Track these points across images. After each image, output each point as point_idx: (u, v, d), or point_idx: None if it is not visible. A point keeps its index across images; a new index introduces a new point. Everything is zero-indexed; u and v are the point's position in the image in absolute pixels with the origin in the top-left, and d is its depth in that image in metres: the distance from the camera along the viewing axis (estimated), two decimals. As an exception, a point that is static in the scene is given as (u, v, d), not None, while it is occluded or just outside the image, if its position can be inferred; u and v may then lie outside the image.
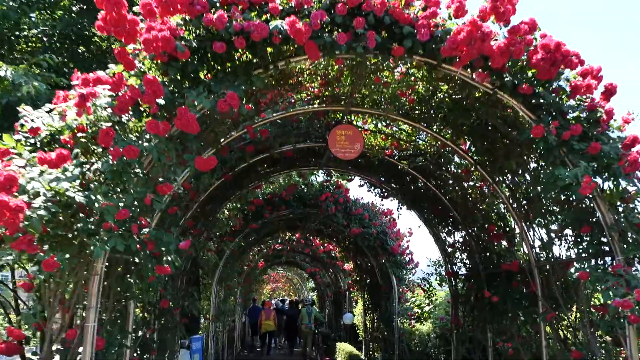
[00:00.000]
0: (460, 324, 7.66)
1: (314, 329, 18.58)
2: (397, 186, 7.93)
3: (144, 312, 5.82)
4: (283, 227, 13.90)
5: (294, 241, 18.05)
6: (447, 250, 7.87)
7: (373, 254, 12.57)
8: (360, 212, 11.52)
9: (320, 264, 21.48)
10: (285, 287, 42.69)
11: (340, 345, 16.00)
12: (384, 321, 12.37)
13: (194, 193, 5.97)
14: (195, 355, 9.22)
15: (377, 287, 12.91)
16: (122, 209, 3.45)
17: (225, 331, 14.02)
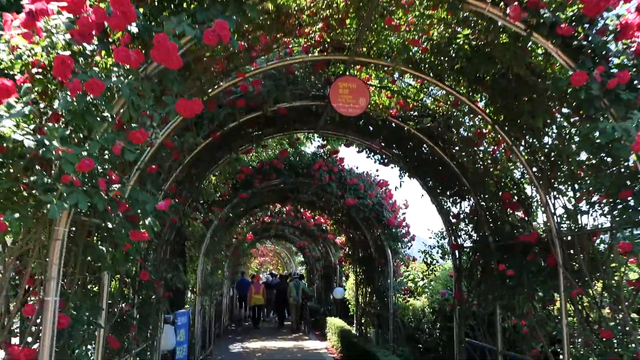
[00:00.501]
0: (463, 300, 7.15)
1: (301, 302, 18.62)
2: (400, 152, 7.31)
3: (122, 286, 5.20)
4: (273, 198, 13.28)
5: (283, 214, 17.47)
6: (451, 221, 7.31)
7: (367, 226, 12.01)
8: (355, 182, 10.92)
9: (310, 237, 20.97)
10: (273, 262, 42.32)
11: (330, 320, 15.56)
12: (377, 296, 11.88)
13: (177, 153, 5.30)
14: (180, 330, 8.66)
15: (370, 260, 12.40)
16: (85, 158, 2.79)
17: (212, 305, 13.47)
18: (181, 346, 8.68)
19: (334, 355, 13.28)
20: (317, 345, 15.04)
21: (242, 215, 13.97)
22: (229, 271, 18.15)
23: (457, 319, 7.21)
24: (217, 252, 12.78)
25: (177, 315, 8.51)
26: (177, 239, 7.35)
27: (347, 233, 13.95)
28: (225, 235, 13.47)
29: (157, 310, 6.46)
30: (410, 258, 11.64)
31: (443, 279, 9.87)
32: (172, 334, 7.44)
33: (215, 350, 13.90)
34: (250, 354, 13.55)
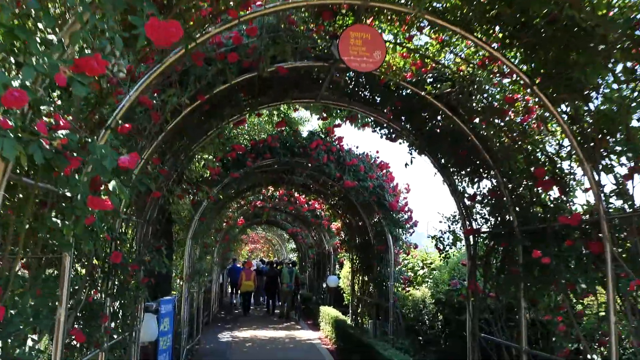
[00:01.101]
0: (479, 291, 6.39)
1: (294, 289, 18.13)
2: (410, 125, 6.50)
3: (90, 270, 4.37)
4: (267, 180, 12.44)
5: (276, 198, 16.64)
6: (466, 203, 6.53)
7: (367, 210, 11.23)
8: (355, 162, 10.12)
9: (303, 223, 20.19)
10: (264, 249, 41.58)
11: (324, 309, 14.81)
12: (375, 285, 11.14)
13: (157, 114, 4.45)
14: (164, 319, 7.85)
15: (368, 247, 11.64)
16: (15, 89, 1.96)
17: (201, 292, 12.67)
18: (165, 336, 7.88)
19: (327, 347, 12.54)
20: (310, 335, 14.30)
21: (233, 198, 13.14)
22: (219, 257, 17.33)
23: (471, 312, 6.44)
24: (206, 236, 11.97)
25: (161, 303, 7.70)
26: (159, 217, 6.51)
27: (344, 219, 13.18)
28: (215, 219, 12.64)
29: (135, 298, 5.65)
30: (412, 245, 10.88)
31: (450, 267, 9.11)
32: (153, 323, 6.63)
33: (203, 339, 13.12)
34: (240, 344, 12.77)
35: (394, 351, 8.62)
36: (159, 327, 7.57)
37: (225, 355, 11.22)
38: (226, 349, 12.04)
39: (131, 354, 5.73)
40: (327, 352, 11.85)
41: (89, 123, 3.45)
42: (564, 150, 4.79)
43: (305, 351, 11.90)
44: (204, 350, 11.78)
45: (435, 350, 9.98)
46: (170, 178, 6.15)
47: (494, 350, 6.14)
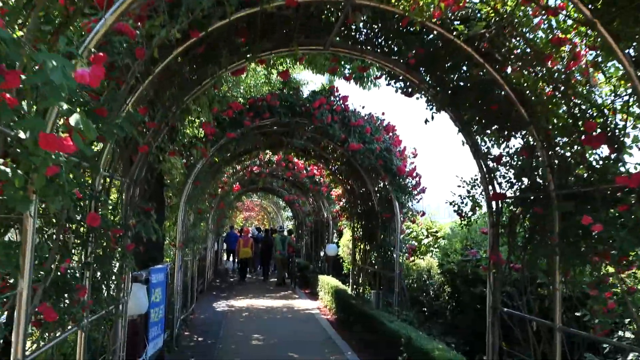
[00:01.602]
0: (501, 262, 5.77)
1: (287, 256, 18.10)
2: (430, 76, 5.75)
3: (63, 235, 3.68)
4: (265, 143, 11.71)
5: (273, 163, 15.94)
6: (489, 165, 5.85)
7: (372, 175, 10.56)
8: (361, 123, 9.39)
9: (301, 190, 19.55)
10: (259, 216, 41.08)
11: (323, 279, 14.29)
12: (379, 254, 10.56)
13: (141, 51, 3.69)
14: (156, 290, 7.22)
15: (372, 215, 11.01)
16: None
17: (195, 260, 12.06)
18: (157, 308, 7.27)
19: (327, 317, 12.03)
20: (308, 304, 13.80)
21: (229, 162, 12.41)
22: (214, 224, 16.70)
23: (492, 285, 5.84)
24: (200, 201, 11.29)
25: (152, 272, 7.06)
26: (148, 177, 5.82)
27: (345, 184, 12.51)
28: (210, 183, 11.94)
29: (120, 267, 4.98)
30: (419, 213, 10.25)
31: (461, 236, 8.50)
32: (143, 295, 5.98)
33: (198, 308, 12.58)
34: (236, 314, 12.25)
35: (401, 323, 8.08)
36: (150, 298, 6.94)
37: (220, 326, 10.68)
38: (222, 319, 11.51)
39: (118, 329, 5.09)
40: (327, 322, 11.34)
41: (51, 49, 2.71)
42: (618, 102, 4.09)
43: (304, 322, 11.38)
44: (199, 321, 11.25)
45: (442, 322, 9.47)
46: (160, 132, 5.41)
47: (516, 326, 5.56)
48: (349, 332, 10.23)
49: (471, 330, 8.07)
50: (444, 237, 10.73)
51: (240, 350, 8.80)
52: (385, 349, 8.03)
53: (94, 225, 3.52)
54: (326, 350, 8.84)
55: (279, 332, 10.20)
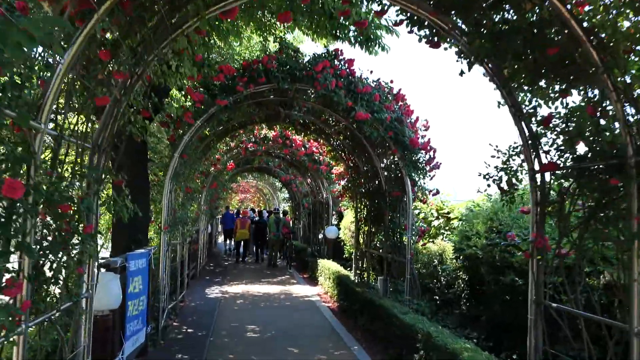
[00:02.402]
0: (547, 247, 4.74)
1: (282, 238, 17.92)
2: (462, 20, 4.66)
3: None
4: (260, 116, 10.59)
5: (269, 141, 14.84)
6: (534, 130, 4.79)
7: (379, 150, 9.49)
8: (368, 90, 8.29)
9: (298, 170, 18.47)
10: (254, 198, 40.05)
11: (323, 263, 13.28)
12: (387, 237, 9.53)
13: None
14: (134, 278, 6.17)
15: (378, 194, 9.96)
16: None
17: (185, 243, 11.02)
18: (136, 299, 6.23)
19: (328, 305, 11.04)
20: (307, 291, 12.80)
21: (222, 136, 11.29)
22: (206, 205, 15.62)
23: (535, 274, 4.81)
24: (190, 179, 10.20)
25: (130, 259, 6.00)
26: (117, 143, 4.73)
27: (348, 161, 11.43)
28: (200, 159, 10.84)
29: (81, 253, 3.92)
30: (431, 192, 9.18)
31: (484, 216, 7.44)
32: (114, 286, 4.92)
33: (189, 295, 11.58)
34: (230, 301, 11.24)
35: (415, 316, 7.07)
36: (127, 288, 5.90)
37: (213, 315, 9.67)
38: (214, 307, 10.49)
39: (80, 331, 4.04)
40: (328, 311, 10.35)
41: None
42: None
43: (304, 310, 10.38)
44: (189, 309, 10.23)
45: (458, 313, 8.49)
46: (130, 87, 4.29)
47: (565, 323, 4.55)
48: (354, 322, 9.24)
49: (495, 323, 7.09)
50: (459, 218, 9.69)
51: (233, 344, 7.79)
52: (398, 344, 7.04)
53: (14, 197, 2.43)
54: (330, 344, 7.84)
55: (277, 322, 9.20)
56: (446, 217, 10.61)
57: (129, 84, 4.26)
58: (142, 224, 8.45)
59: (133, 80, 4.31)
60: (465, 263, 7.92)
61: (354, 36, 9.40)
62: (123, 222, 8.25)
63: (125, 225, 8.39)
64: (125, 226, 8.24)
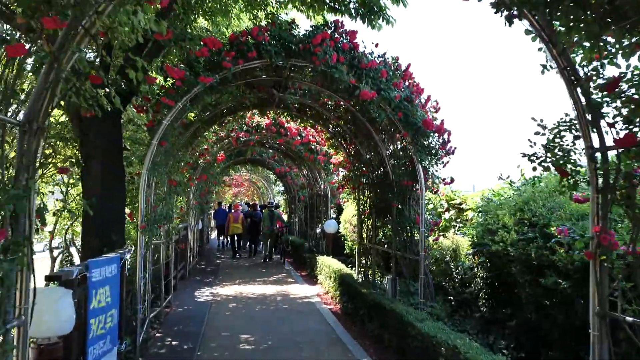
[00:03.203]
0: (614, 244, 3.72)
1: (276, 231, 17.55)
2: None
3: None
4: (252, 100, 9.49)
5: (262, 129, 13.75)
6: (593, 99, 3.76)
7: (386, 135, 8.43)
8: (374, 65, 7.21)
9: (293, 161, 17.40)
10: (248, 192, 38.96)
11: (322, 260, 12.24)
12: (395, 232, 8.48)
13: None
14: (99, 290, 5.09)
15: (384, 184, 8.91)
16: None
17: (171, 242, 9.94)
18: (103, 314, 5.15)
19: (330, 307, 10.01)
20: (306, 290, 11.76)
21: (209, 123, 10.18)
22: (196, 199, 14.52)
23: (598, 275, 3.80)
24: (174, 171, 9.12)
25: (92, 267, 4.91)
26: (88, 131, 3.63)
27: (350, 148, 10.37)
28: (186, 148, 9.74)
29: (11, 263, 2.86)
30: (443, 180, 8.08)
31: (512, 207, 6.38)
32: (65, 305, 3.85)
33: (176, 300, 10.51)
34: (222, 305, 10.18)
35: (435, 323, 6.04)
36: (90, 303, 4.83)
37: (203, 322, 8.62)
38: (205, 312, 9.43)
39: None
40: (331, 315, 9.31)
41: None
42: None
43: (304, 314, 9.34)
44: (175, 316, 9.16)
45: (479, 317, 7.47)
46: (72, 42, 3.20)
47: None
48: (360, 327, 8.22)
49: (527, 331, 6.06)
50: (474, 209, 8.65)
51: (224, 359, 6.75)
52: (415, 356, 6.02)
53: None
54: (335, 357, 6.81)
55: (274, 329, 8.15)
56: (457, 208, 9.57)
57: (70, 36, 3.17)
58: (117, 221, 7.37)
59: (77, 34, 3.22)
60: (487, 260, 6.89)
61: (355, 8, 8.34)
62: (94, 220, 7.19)
63: (97, 223, 7.31)
64: (97, 224, 7.15)
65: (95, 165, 7.28)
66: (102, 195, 7.20)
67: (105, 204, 7.15)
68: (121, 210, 7.52)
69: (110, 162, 7.36)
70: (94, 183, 7.29)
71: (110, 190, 7.32)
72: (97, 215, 7.18)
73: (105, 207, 7.16)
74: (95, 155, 7.29)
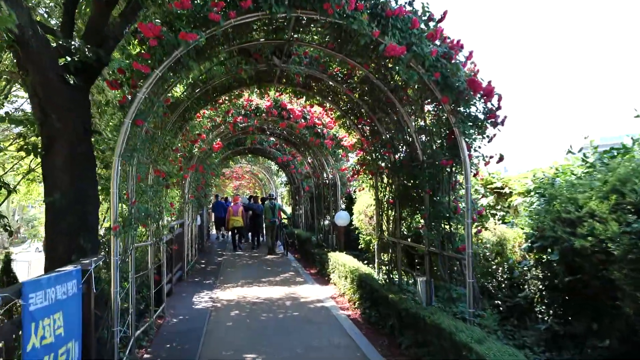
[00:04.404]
0: None
1: (277, 223, 17.28)
2: None
3: None
4: (248, 73, 7.91)
5: (262, 113, 12.17)
6: None
7: (413, 107, 6.86)
8: (403, 13, 5.62)
9: (297, 148, 15.83)
10: (249, 184, 37.42)
11: (335, 257, 10.70)
12: (431, 225, 6.90)
13: None
14: (46, 320, 3.58)
15: (411, 166, 7.34)
16: None
17: (162, 244, 8.40)
18: (48, 355, 3.63)
19: (348, 313, 8.49)
20: (318, 292, 10.24)
21: (201, 102, 8.59)
22: (192, 193, 12.96)
23: None
24: (160, 159, 7.57)
25: (28, 290, 3.38)
26: None
27: (365, 129, 8.80)
28: (174, 132, 8.17)
29: None
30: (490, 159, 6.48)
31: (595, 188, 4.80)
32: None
33: (170, 307, 8.99)
34: (223, 313, 8.66)
35: (503, 348, 4.46)
36: (26, 342, 3.30)
37: (200, 337, 7.12)
38: (202, 323, 7.91)
39: None
40: (351, 324, 7.79)
41: None
42: None
43: (319, 324, 7.81)
44: (169, 330, 7.63)
45: (544, 329, 5.93)
46: None
47: None
48: (390, 341, 6.71)
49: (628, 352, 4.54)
50: (525, 192, 7.09)
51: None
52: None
53: None
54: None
55: (285, 345, 6.64)
56: (497, 193, 8.02)
57: None
58: (89, 221, 5.84)
59: None
60: (562, 259, 5.32)
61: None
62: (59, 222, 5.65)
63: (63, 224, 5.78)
64: (63, 226, 5.62)
65: (59, 153, 5.75)
66: (69, 190, 5.68)
67: (73, 201, 5.64)
68: (93, 208, 5.98)
69: (79, 148, 5.83)
70: (58, 175, 5.75)
71: (80, 182, 5.79)
72: (63, 215, 5.68)
73: (73, 205, 5.65)
74: (59, 139, 5.76)
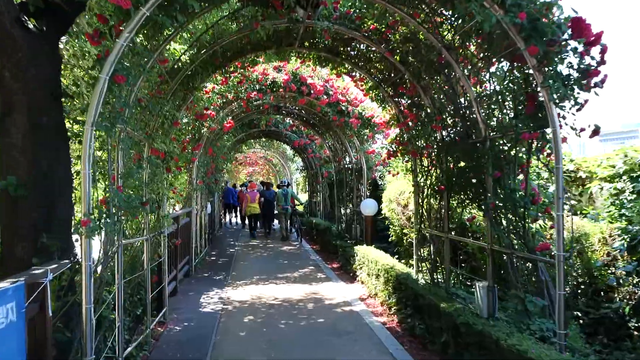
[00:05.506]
0: None
1: (290, 211, 16.82)
2: None
3: None
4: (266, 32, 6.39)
5: (279, 87, 10.68)
6: None
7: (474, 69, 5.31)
8: None
9: (317, 129, 14.32)
10: (263, 171, 36.07)
11: (363, 252, 9.22)
12: (496, 218, 5.37)
13: None
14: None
15: (468, 144, 5.81)
16: None
17: (164, 239, 6.99)
18: None
19: (383, 320, 7.04)
20: (344, 292, 8.79)
21: (207, 71, 7.08)
22: (200, 179, 11.52)
23: None
24: (157, 135, 6.13)
25: None
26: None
27: (411, 95, 7.25)
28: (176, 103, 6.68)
29: None
30: (582, 131, 4.94)
31: None
32: None
33: (173, 311, 7.60)
34: (235, 318, 7.25)
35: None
36: None
37: (207, 352, 5.73)
38: (210, 331, 6.52)
39: None
40: (388, 334, 6.34)
41: None
42: None
43: (350, 334, 6.37)
44: (171, 341, 6.22)
45: None
46: None
47: None
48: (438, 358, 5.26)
49: None
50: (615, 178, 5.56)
51: None
52: None
53: None
54: None
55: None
56: (570, 178, 6.47)
57: None
58: (58, 211, 4.42)
59: None
60: None
61: None
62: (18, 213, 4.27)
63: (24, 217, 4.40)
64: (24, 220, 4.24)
65: (18, 124, 4.33)
66: (29, 172, 4.28)
67: (36, 188, 4.26)
68: (63, 197, 4.56)
69: (45, 118, 4.41)
70: (15, 153, 4.35)
71: (46, 163, 4.38)
72: (22, 206, 4.29)
73: (37, 193, 4.25)
74: (17, 106, 4.35)
